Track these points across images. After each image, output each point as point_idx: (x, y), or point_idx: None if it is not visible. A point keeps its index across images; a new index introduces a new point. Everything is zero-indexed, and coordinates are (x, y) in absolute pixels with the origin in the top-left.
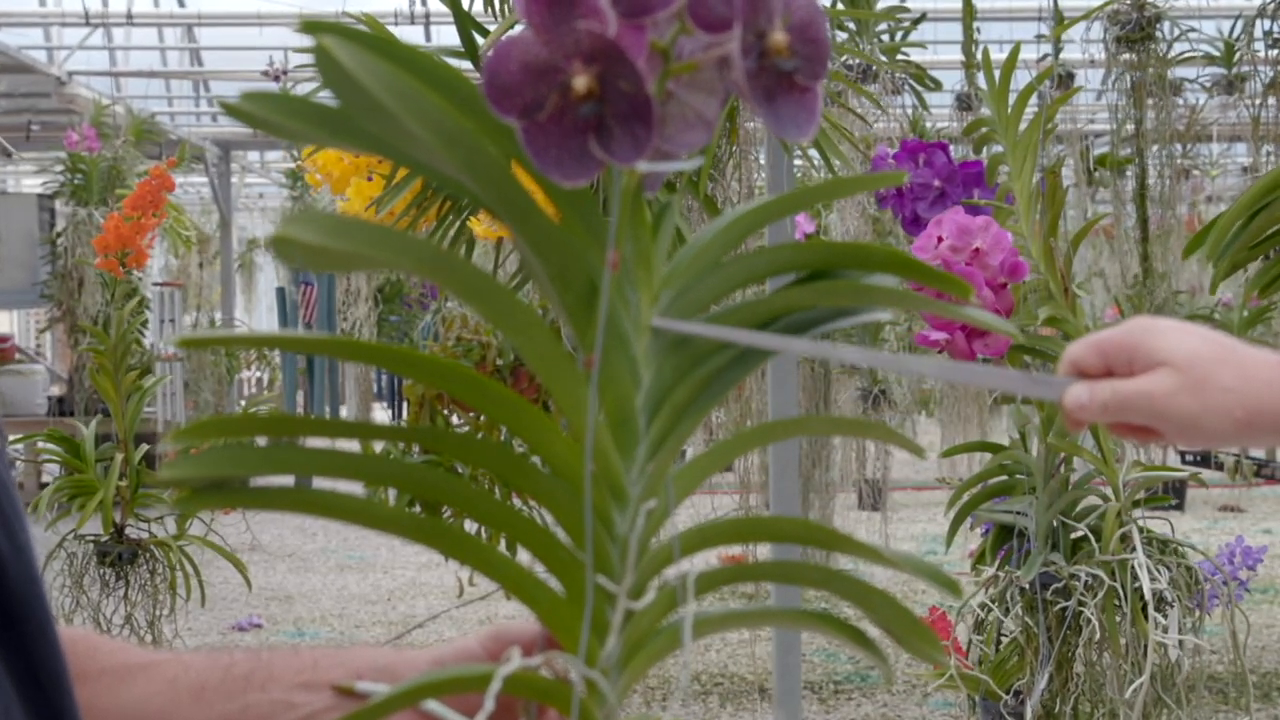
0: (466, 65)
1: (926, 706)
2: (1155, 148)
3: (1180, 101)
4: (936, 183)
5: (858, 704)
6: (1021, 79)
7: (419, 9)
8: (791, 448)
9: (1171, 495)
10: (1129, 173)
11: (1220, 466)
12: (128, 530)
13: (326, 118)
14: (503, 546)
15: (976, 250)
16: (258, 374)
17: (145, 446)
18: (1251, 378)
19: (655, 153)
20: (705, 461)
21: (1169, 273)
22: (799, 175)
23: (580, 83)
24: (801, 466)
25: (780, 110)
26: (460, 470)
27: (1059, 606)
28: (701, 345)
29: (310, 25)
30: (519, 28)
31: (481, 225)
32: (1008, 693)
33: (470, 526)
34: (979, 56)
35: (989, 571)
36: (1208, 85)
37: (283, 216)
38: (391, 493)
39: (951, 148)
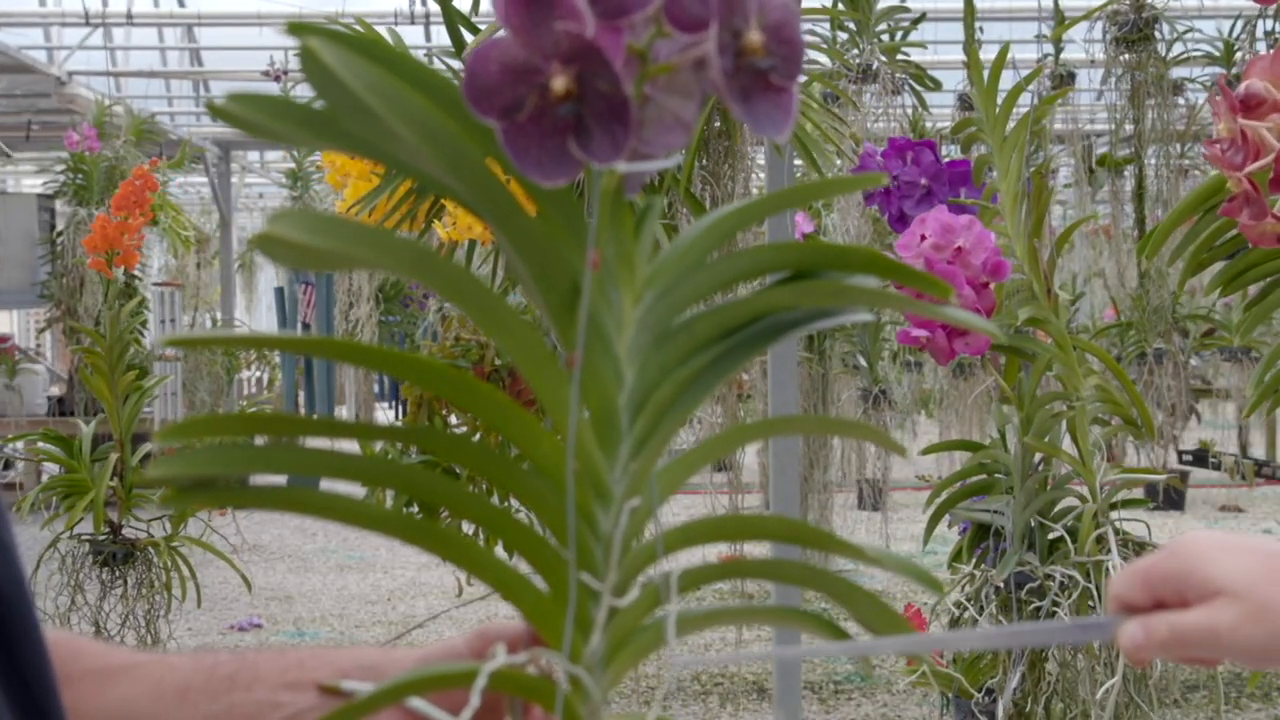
0: (461, 64)
1: (926, 706)
2: (1152, 148)
3: (1182, 101)
4: (923, 181)
5: (858, 704)
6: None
7: (419, 9)
8: (791, 448)
9: (1151, 498)
10: (1127, 173)
11: (1219, 466)
12: (125, 530)
13: (312, 119)
14: (500, 548)
15: (959, 249)
16: (258, 374)
17: (147, 446)
18: None
19: (634, 154)
20: (690, 460)
21: (1166, 273)
22: (799, 175)
23: (559, 83)
24: (800, 466)
25: (756, 109)
26: (459, 471)
27: (1033, 606)
28: (685, 343)
29: (296, 27)
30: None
31: (445, 229)
32: (980, 691)
33: (467, 527)
34: (978, 56)
35: (964, 570)
36: (1208, 85)
37: (268, 215)
38: (388, 493)
39: (953, 148)
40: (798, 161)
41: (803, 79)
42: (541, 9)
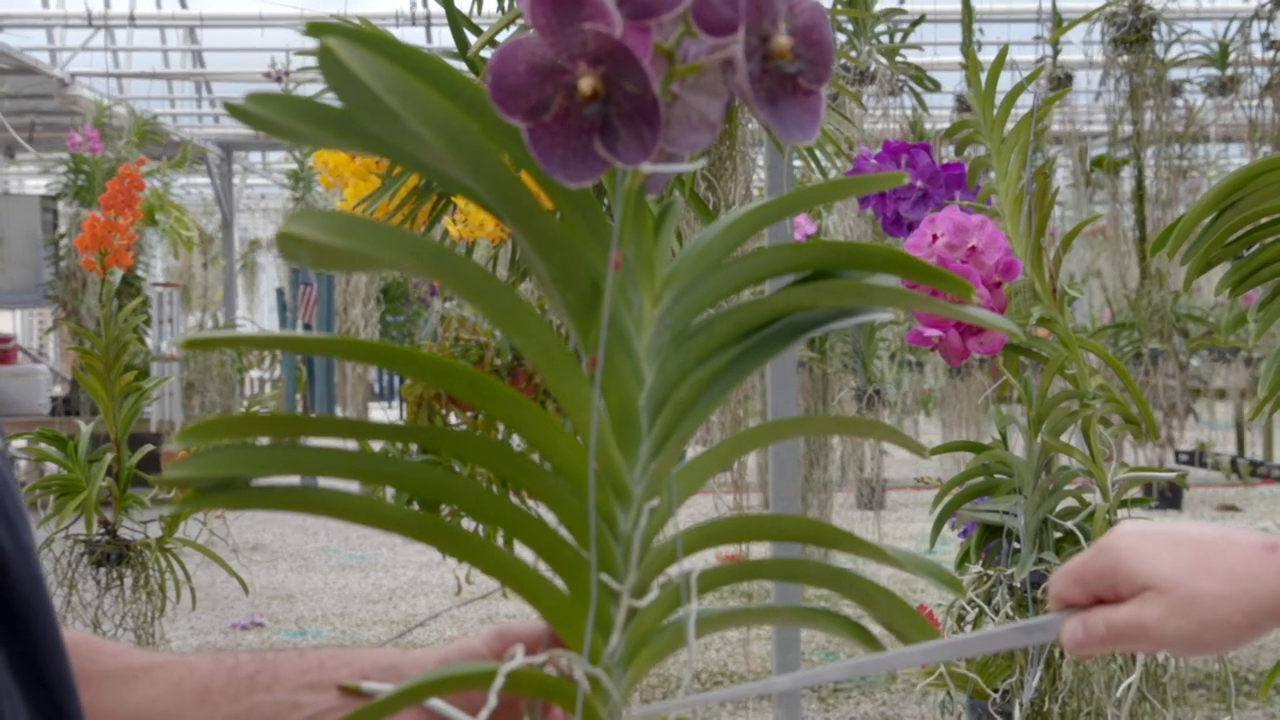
0: (464, 65)
1: (925, 705)
2: (1151, 148)
3: (1180, 103)
4: (919, 183)
5: (857, 703)
6: (1019, 81)
7: (419, 10)
8: (792, 448)
9: (1155, 497)
10: (1125, 174)
11: (1215, 466)
12: (120, 531)
13: (331, 119)
14: (500, 544)
15: (972, 248)
16: (262, 374)
17: (150, 447)
18: (1239, 576)
19: (659, 154)
20: (708, 460)
21: (1167, 273)
22: (799, 177)
23: (586, 84)
24: (800, 466)
25: (783, 113)
26: (458, 469)
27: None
28: (704, 343)
29: (315, 27)
30: (516, 28)
31: (457, 226)
32: (995, 691)
33: (469, 525)
34: (976, 58)
35: (975, 569)
36: (1205, 86)
37: (287, 214)
38: (389, 491)
39: (948, 149)
40: (796, 162)
41: None
42: (569, 9)
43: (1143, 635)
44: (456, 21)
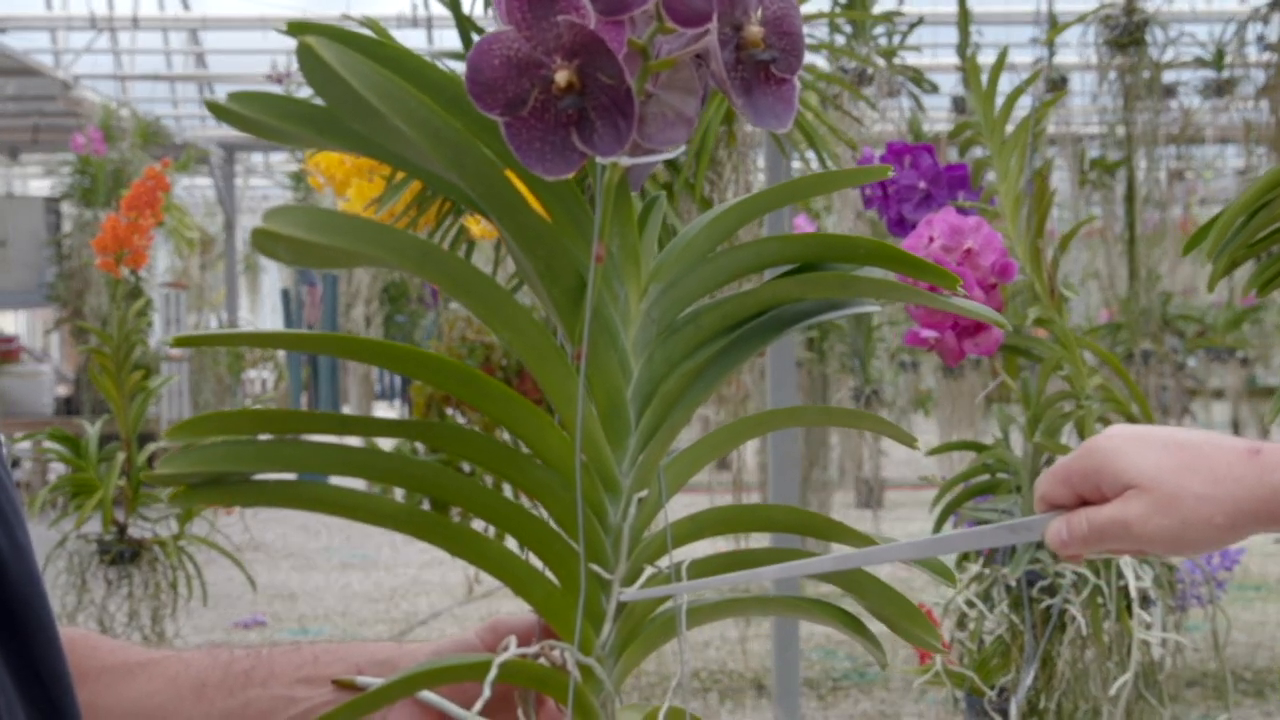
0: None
1: (924, 703)
2: (1142, 149)
3: (1174, 105)
4: (922, 184)
5: (855, 700)
6: (1017, 83)
7: (420, 13)
8: (790, 447)
9: None
10: (1120, 175)
11: None
12: (131, 529)
13: (314, 117)
14: (510, 544)
15: (968, 250)
16: (263, 375)
17: (153, 445)
18: (1222, 478)
19: (637, 149)
20: (698, 451)
21: (1161, 274)
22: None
23: (561, 77)
24: (799, 465)
25: (758, 101)
26: (467, 468)
27: (1044, 604)
28: (691, 335)
29: (295, 26)
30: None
31: (479, 224)
32: (992, 689)
33: (477, 525)
34: (975, 61)
35: (974, 569)
36: (1201, 88)
37: (265, 212)
38: (398, 491)
39: (949, 150)
40: (796, 163)
41: (805, 79)
42: (543, 3)
43: (1125, 533)
44: (463, 24)
